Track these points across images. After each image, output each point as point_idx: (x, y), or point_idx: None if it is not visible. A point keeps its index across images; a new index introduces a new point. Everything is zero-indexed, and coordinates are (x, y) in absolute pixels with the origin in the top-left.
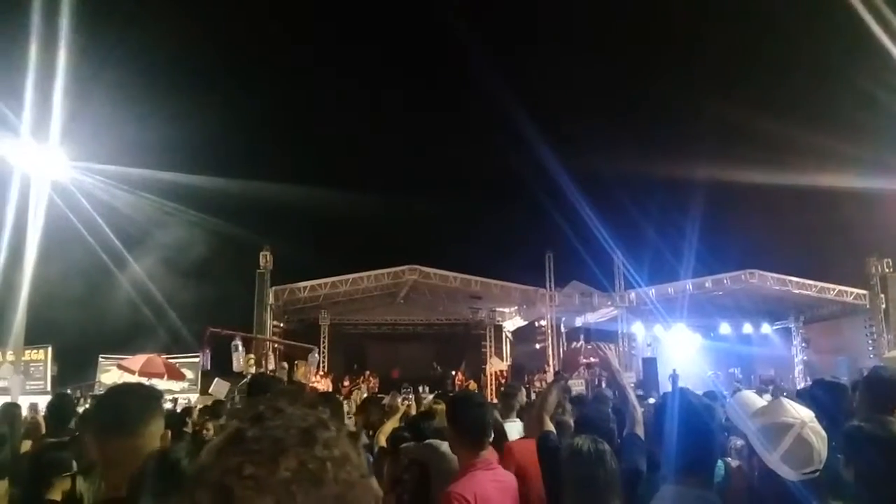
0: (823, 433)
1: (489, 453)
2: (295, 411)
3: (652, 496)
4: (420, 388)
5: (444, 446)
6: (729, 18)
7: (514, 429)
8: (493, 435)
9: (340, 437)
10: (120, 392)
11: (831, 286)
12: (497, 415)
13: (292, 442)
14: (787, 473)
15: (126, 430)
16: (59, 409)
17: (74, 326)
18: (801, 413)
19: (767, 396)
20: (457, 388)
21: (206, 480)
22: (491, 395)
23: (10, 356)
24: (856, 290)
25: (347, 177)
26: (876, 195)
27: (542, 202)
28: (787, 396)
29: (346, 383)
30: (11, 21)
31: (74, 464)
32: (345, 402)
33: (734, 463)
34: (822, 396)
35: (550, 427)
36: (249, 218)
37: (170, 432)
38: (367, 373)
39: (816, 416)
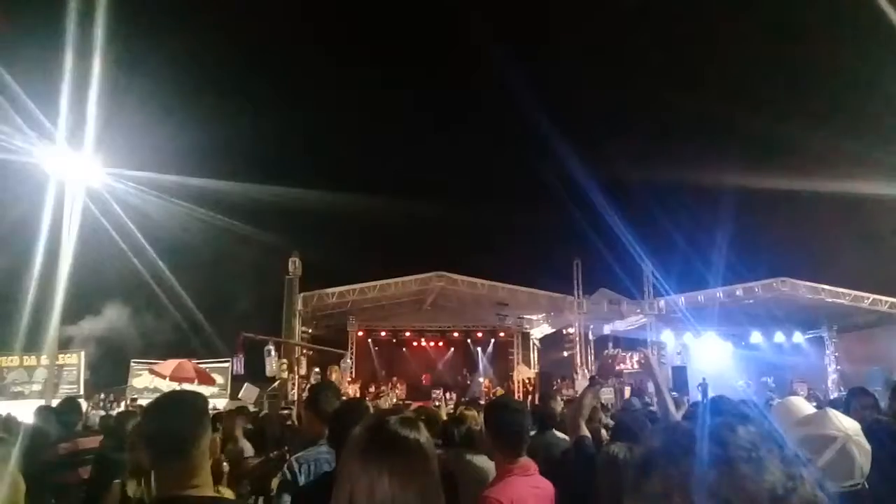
0: (867, 447)
1: (526, 459)
2: None
3: None
4: (447, 395)
5: (472, 456)
6: (762, 25)
7: None
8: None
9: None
10: (171, 411)
11: (866, 295)
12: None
13: None
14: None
15: (180, 452)
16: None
17: (107, 331)
18: (847, 425)
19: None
20: (483, 396)
21: None
22: None
23: (44, 360)
24: (891, 299)
25: (376, 184)
26: None
27: (571, 209)
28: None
29: (373, 389)
30: (47, 30)
31: None
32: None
33: None
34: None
35: (585, 432)
36: (280, 224)
37: (219, 437)
38: (395, 379)
39: None
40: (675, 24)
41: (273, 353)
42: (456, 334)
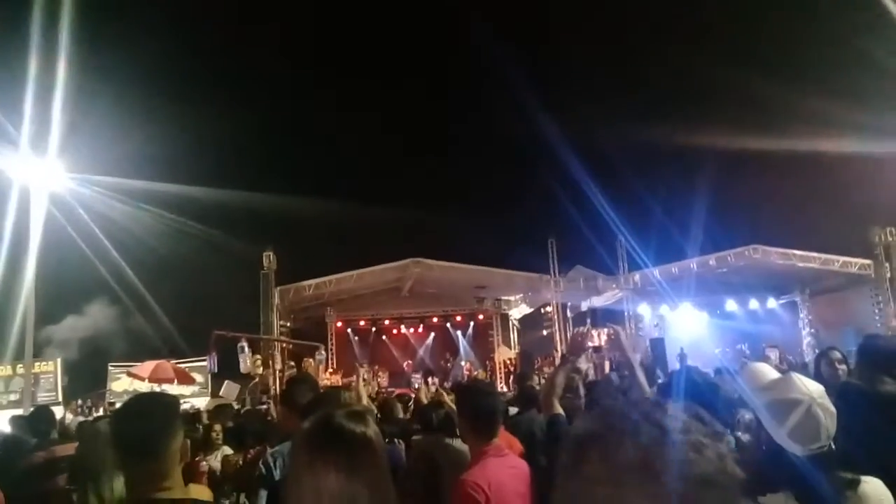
0: (832, 409)
1: (499, 441)
2: None
3: None
4: (430, 380)
5: (451, 440)
6: None
7: None
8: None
9: None
10: (140, 413)
11: (835, 257)
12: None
13: None
14: (795, 449)
15: (150, 454)
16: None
17: (83, 336)
18: (811, 388)
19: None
20: (465, 378)
21: None
22: (500, 383)
23: (19, 369)
24: (860, 261)
25: (348, 175)
26: (879, 162)
27: (543, 188)
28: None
29: (354, 378)
30: (11, 34)
31: None
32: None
33: (744, 437)
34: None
35: (559, 410)
36: (251, 223)
37: (189, 442)
38: (376, 367)
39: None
40: None
41: (247, 349)
42: (435, 319)
